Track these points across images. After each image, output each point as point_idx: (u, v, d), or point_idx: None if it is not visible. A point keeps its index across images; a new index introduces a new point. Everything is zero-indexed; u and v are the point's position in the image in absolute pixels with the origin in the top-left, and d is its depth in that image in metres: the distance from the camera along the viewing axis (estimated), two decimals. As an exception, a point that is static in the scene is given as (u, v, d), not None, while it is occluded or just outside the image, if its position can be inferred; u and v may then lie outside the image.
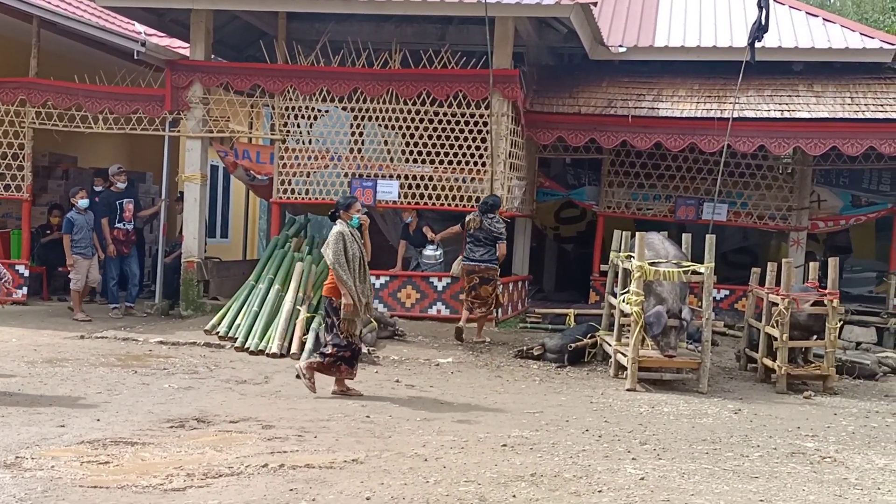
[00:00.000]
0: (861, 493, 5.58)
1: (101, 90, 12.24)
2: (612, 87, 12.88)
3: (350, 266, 7.85)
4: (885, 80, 12.65)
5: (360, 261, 7.94)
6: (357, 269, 7.91)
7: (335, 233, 7.92)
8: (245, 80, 12.21)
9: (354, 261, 7.90)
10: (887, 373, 10.38)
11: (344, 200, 8.25)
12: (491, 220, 10.65)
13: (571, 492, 5.27)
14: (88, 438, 6.09)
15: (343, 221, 8.04)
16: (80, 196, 11.67)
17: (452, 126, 11.74)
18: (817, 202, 13.54)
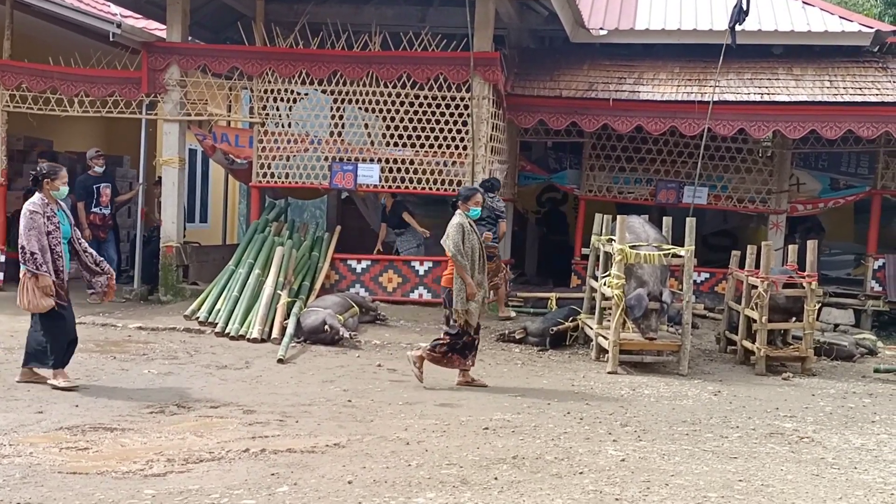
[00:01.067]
0: (838, 473, 5.64)
1: (77, 73, 12.06)
2: (594, 71, 12.86)
3: (469, 257, 7.81)
4: (864, 64, 12.72)
5: (478, 252, 7.92)
6: (476, 259, 7.89)
7: (455, 224, 7.85)
8: (223, 63, 12.08)
9: (473, 252, 7.87)
10: (864, 354, 10.48)
11: (465, 192, 8.14)
12: (492, 199, 10.99)
13: (553, 473, 5.29)
14: (67, 424, 6.04)
15: (462, 213, 7.96)
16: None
17: (433, 109, 11.68)
18: (796, 185, 13.62)
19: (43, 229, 7.13)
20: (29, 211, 7.15)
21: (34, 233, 7.09)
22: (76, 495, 4.60)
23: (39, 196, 7.24)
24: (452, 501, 4.71)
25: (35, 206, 7.18)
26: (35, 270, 7.06)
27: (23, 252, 7.12)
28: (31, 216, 7.13)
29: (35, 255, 7.06)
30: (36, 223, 7.11)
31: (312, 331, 9.71)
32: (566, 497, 4.85)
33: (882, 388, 8.91)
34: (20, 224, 7.20)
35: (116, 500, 4.56)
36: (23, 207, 7.27)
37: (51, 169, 7.35)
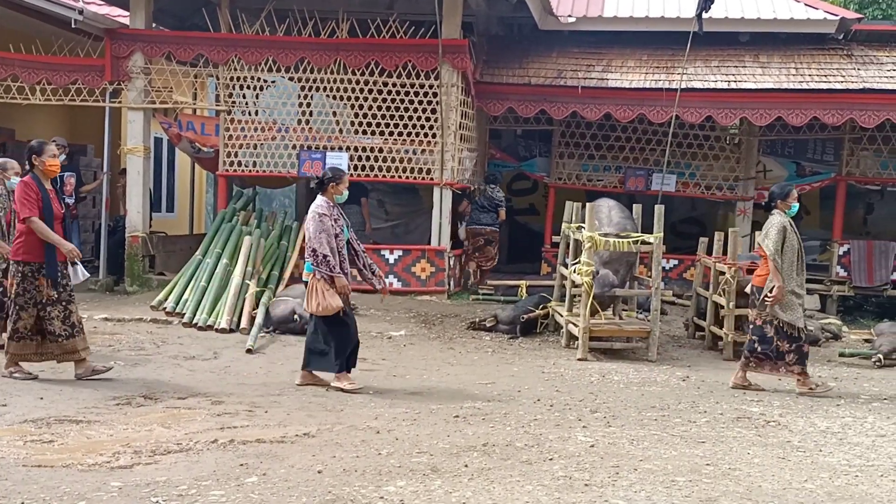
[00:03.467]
0: (803, 455, 5.71)
1: (38, 60, 11.84)
2: (562, 58, 12.88)
3: (786, 257, 7.65)
4: (829, 51, 12.85)
5: (798, 252, 7.77)
6: (795, 260, 7.73)
7: (777, 224, 7.70)
8: (188, 50, 11.93)
9: (793, 252, 7.71)
10: (830, 339, 10.62)
11: (779, 189, 7.99)
12: (493, 190, 12.59)
13: (523, 460, 5.30)
14: (31, 417, 5.94)
15: (781, 212, 7.83)
16: None
17: (402, 97, 11.62)
18: (763, 172, 13.75)
19: (331, 232, 7.10)
20: (317, 214, 7.10)
21: (324, 236, 7.05)
22: (41, 488, 4.52)
23: (324, 199, 7.21)
24: (423, 489, 4.70)
25: (322, 209, 7.14)
26: (330, 273, 7.03)
27: (314, 255, 7.06)
28: (319, 219, 7.08)
29: (328, 259, 7.04)
30: (325, 226, 7.08)
31: (281, 320, 9.65)
32: (536, 483, 4.86)
33: (847, 371, 9.04)
34: (308, 227, 7.13)
35: (82, 492, 4.49)
36: (310, 211, 7.20)
37: (336, 173, 7.33)
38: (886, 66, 12.38)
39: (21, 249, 7.00)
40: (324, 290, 7.06)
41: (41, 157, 7.09)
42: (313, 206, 7.25)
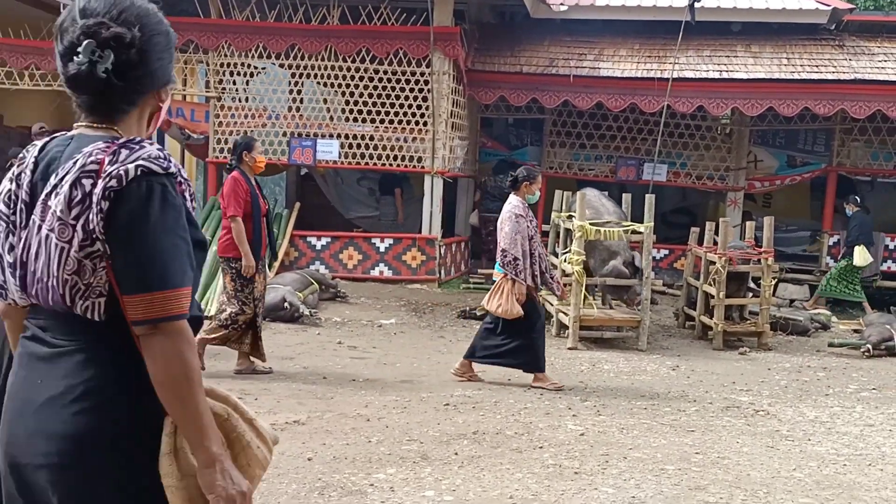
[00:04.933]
0: (792, 444, 5.73)
1: (27, 45, 11.75)
2: (554, 47, 12.84)
3: None
4: (821, 41, 12.85)
5: None
6: None
7: None
8: (178, 36, 11.82)
9: None
10: (819, 329, 10.66)
11: None
12: (501, 179, 12.89)
13: (513, 448, 5.30)
14: None
15: None
16: None
17: (393, 84, 11.58)
18: (754, 162, 13.77)
19: (525, 234, 6.99)
20: (514, 215, 6.97)
21: (518, 237, 6.94)
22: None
23: (518, 199, 7.09)
24: (413, 477, 4.70)
25: (519, 209, 7.02)
26: (514, 276, 6.92)
27: (504, 255, 6.96)
28: (516, 220, 6.96)
29: (518, 262, 6.92)
30: (520, 227, 6.97)
31: (272, 308, 9.60)
32: (526, 471, 4.87)
33: (836, 361, 9.08)
34: (504, 227, 6.99)
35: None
36: (505, 211, 7.07)
37: (530, 172, 7.24)
38: (878, 57, 12.39)
39: (232, 246, 6.92)
40: (509, 293, 6.92)
41: (251, 153, 7.07)
42: (509, 207, 7.04)
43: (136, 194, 1.73)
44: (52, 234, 1.75)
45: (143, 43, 1.84)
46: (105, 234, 1.73)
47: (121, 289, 1.74)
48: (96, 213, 1.72)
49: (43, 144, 1.89)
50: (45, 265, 1.76)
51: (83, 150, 1.77)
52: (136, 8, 1.86)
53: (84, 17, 1.81)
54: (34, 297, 1.81)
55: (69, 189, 1.74)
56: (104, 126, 1.86)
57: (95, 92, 1.83)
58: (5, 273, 1.86)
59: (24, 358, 1.85)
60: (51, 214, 1.75)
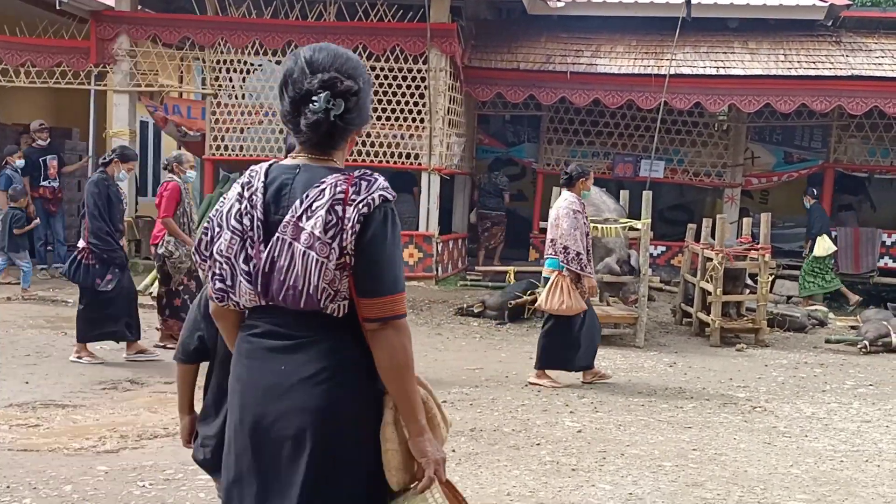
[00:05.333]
0: (789, 441, 5.74)
1: (22, 42, 11.73)
2: (551, 43, 12.82)
3: None
4: (818, 38, 12.84)
5: None
6: None
7: None
8: (174, 33, 11.83)
9: None
10: (816, 325, 10.67)
11: None
12: (496, 176, 13.39)
13: (510, 445, 5.30)
14: (17, 401, 5.91)
15: None
16: (16, 157, 11.30)
17: (390, 81, 11.56)
18: (751, 159, 13.77)
19: (583, 229, 7.00)
20: (572, 210, 6.98)
21: (578, 233, 6.95)
22: (27, 472, 4.50)
23: (573, 194, 7.10)
24: (410, 474, 4.69)
25: (575, 205, 7.04)
26: (580, 271, 6.91)
27: (566, 252, 6.94)
28: (574, 215, 6.97)
29: (581, 256, 6.93)
30: (578, 223, 6.97)
31: (269, 305, 9.60)
32: (523, 468, 4.87)
33: (833, 358, 9.09)
34: (562, 223, 6.96)
35: (68, 476, 4.47)
36: (562, 207, 7.06)
37: (584, 169, 7.26)
38: (875, 53, 12.39)
39: None
40: (570, 289, 6.91)
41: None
42: (565, 203, 7.06)
43: (378, 218, 2.16)
44: (310, 251, 2.14)
45: (361, 93, 2.23)
46: (353, 250, 2.14)
47: (358, 292, 2.16)
48: (350, 233, 2.13)
49: (266, 171, 2.26)
50: (302, 276, 2.14)
51: (324, 181, 2.17)
52: (353, 61, 2.24)
53: (313, 70, 2.18)
54: (280, 300, 2.18)
55: (325, 214, 2.13)
56: (323, 158, 2.25)
57: (324, 133, 2.21)
58: (236, 280, 2.22)
59: (258, 351, 2.24)
60: (307, 234, 2.14)
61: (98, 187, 7.24)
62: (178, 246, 7.62)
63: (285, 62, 2.25)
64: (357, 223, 2.13)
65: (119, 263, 7.28)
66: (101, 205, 7.18)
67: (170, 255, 7.62)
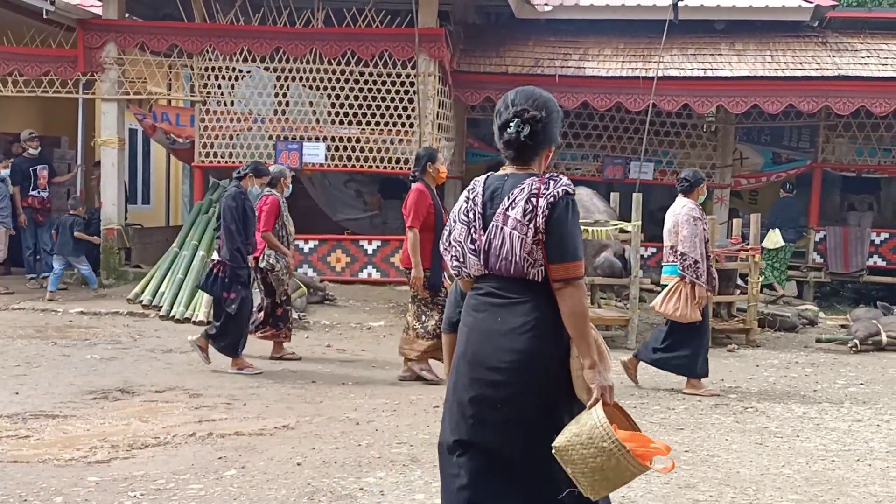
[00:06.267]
0: (781, 441, 5.75)
1: (8, 51, 11.68)
2: (539, 47, 12.85)
3: None
4: (804, 39, 12.90)
5: None
6: None
7: None
8: (162, 40, 11.79)
9: None
10: (806, 325, 10.71)
11: None
12: None
13: (503, 450, 5.30)
14: (7, 412, 5.88)
15: None
16: (2, 166, 11.26)
17: (378, 86, 11.55)
18: (740, 160, 13.82)
19: (702, 236, 6.97)
20: (692, 217, 6.98)
21: (697, 241, 6.93)
22: (17, 484, 4.47)
23: (692, 202, 7.08)
24: (403, 480, 4.69)
25: (696, 212, 7.02)
26: (695, 279, 6.89)
27: (683, 259, 6.93)
28: (694, 223, 6.96)
29: (698, 265, 6.92)
30: (698, 230, 6.96)
31: (260, 312, 9.58)
32: (516, 472, 4.86)
33: (823, 357, 9.12)
34: (683, 230, 6.96)
35: (59, 488, 4.45)
36: (681, 214, 7.02)
37: (700, 175, 7.27)
38: (861, 53, 12.46)
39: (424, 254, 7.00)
40: (688, 297, 6.91)
41: (435, 164, 7.15)
42: (684, 210, 7.04)
43: (561, 205, 2.93)
44: (515, 232, 2.94)
45: (546, 119, 3.05)
46: (545, 229, 2.91)
47: (548, 260, 2.93)
48: (542, 217, 2.92)
49: (485, 180, 3.09)
50: (510, 250, 2.95)
51: (524, 182, 2.98)
52: (542, 98, 3.09)
53: (513, 105, 3.05)
54: (496, 270, 3.00)
55: (524, 205, 2.94)
56: (524, 168, 3.07)
57: (519, 149, 3.04)
58: (466, 257, 3.06)
59: (482, 306, 3.04)
60: (512, 220, 2.95)
61: (235, 201, 7.32)
62: (278, 259, 7.77)
63: (499, 104, 3.11)
64: (546, 209, 2.91)
65: (243, 281, 7.40)
66: (237, 218, 7.26)
67: (272, 269, 7.77)
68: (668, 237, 7.16)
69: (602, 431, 2.81)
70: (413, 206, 6.92)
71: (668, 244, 7.16)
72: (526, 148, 3.04)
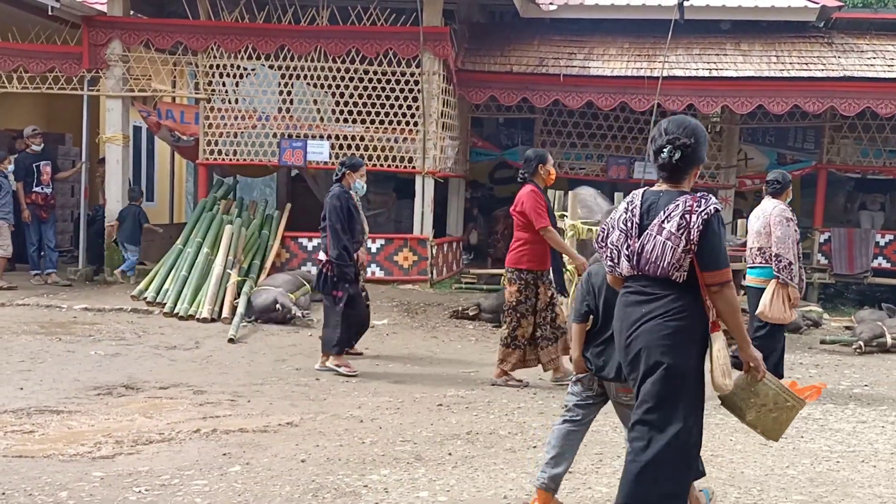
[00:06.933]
0: (785, 442, 5.72)
1: (14, 47, 11.70)
2: (544, 46, 12.84)
3: None
4: (810, 39, 12.89)
5: None
6: None
7: None
8: (167, 38, 11.80)
9: None
10: (811, 326, 10.68)
11: None
12: None
13: (507, 448, 5.30)
14: (12, 408, 5.88)
15: None
16: (7, 162, 11.28)
17: (383, 85, 11.56)
18: (744, 160, 13.80)
19: (794, 238, 6.91)
20: (785, 218, 6.93)
21: (790, 241, 6.87)
22: (22, 479, 4.48)
23: (781, 202, 7.06)
24: (407, 478, 4.69)
25: (787, 212, 6.98)
26: (789, 280, 6.85)
27: (777, 260, 6.87)
28: (787, 223, 6.91)
29: (791, 266, 6.84)
30: (790, 231, 6.90)
31: (264, 310, 9.59)
32: (520, 471, 4.86)
33: (828, 359, 9.10)
34: (776, 231, 6.89)
35: (64, 483, 4.45)
36: (773, 215, 6.96)
37: (789, 178, 7.22)
38: (867, 54, 12.43)
39: (525, 257, 7.00)
40: (784, 299, 6.86)
41: (546, 166, 7.18)
42: (776, 210, 6.98)
43: (713, 222, 3.50)
44: (668, 242, 3.53)
45: (694, 145, 3.63)
46: (697, 242, 3.49)
47: (701, 268, 3.52)
48: (696, 231, 3.49)
49: (642, 194, 3.69)
50: (660, 256, 3.54)
51: (678, 200, 3.57)
52: (692, 126, 3.65)
53: (666, 134, 3.63)
54: (644, 271, 3.61)
55: (678, 220, 3.52)
56: (676, 186, 3.66)
57: (671, 170, 3.64)
58: (620, 259, 3.68)
59: (631, 301, 3.67)
60: (666, 231, 3.53)
61: (340, 200, 7.38)
62: None
63: (653, 131, 3.71)
64: (700, 226, 3.48)
65: (350, 279, 7.44)
66: (342, 218, 7.31)
67: None
68: (755, 238, 7.09)
69: (784, 396, 3.78)
70: (535, 207, 6.95)
71: (754, 246, 7.09)
72: (677, 169, 3.64)
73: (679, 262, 3.50)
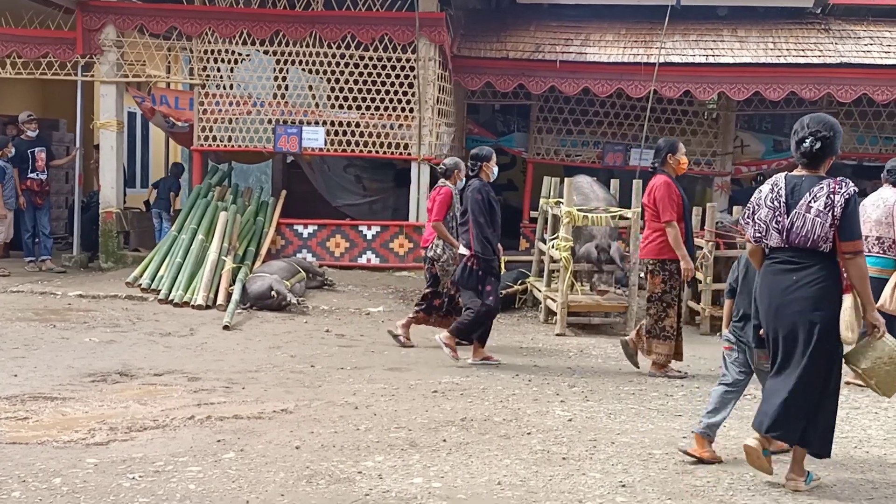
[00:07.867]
0: (780, 428, 5.74)
1: (7, 32, 11.65)
2: (540, 32, 12.79)
3: None
4: (807, 25, 12.85)
5: None
6: None
7: None
8: (161, 23, 11.74)
9: None
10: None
11: None
12: None
13: (501, 434, 5.31)
14: (6, 394, 5.88)
15: None
16: (8, 149, 11.24)
17: (378, 71, 11.52)
18: (741, 147, 13.78)
19: None
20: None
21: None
22: (16, 465, 4.48)
23: None
24: (401, 464, 4.70)
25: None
26: None
27: None
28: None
29: None
30: None
31: (259, 297, 9.59)
32: (514, 457, 4.87)
33: None
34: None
35: (58, 469, 4.45)
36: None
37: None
38: (863, 41, 12.40)
39: (667, 248, 7.01)
40: None
41: (676, 155, 7.15)
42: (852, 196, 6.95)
43: (852, 202, 4.33)
44: (817, 219, 4.28)
45: (832, 138, 4.38)
46: (840, 217, 4.26)
47: (842, 239, 4.29)
48: (838, 209, 4.27)
49: (785, 178, 4.45)
50: (810, 230, 4.29)
51: (822, 183, 4.34)
52: (829, 121, 4.41)
53: (808, 127, 4.39)
54: (794, 243, 4.35)
55: (825, 199, 4.28)
56: (814, 171, 4.41)
57: (811, 158, 4.39)
58: (769, 232, 4.41)
59: (777, 271, 4.42)
60: (815, 210, 4.29)
61: (481, 193, 7.33)
62: (445, 249, 7.86)
63: (795, 125, 4.47)
64: (843, 205, 4.26)
65: (496, 273, 7.43)
66: (485, 210, 7.27)
67: (438, 258, 7.89)
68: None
69: None
70: (666, 200, 6.96)
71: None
72: (816, 157, 4.38)
73: (826, 235, 4.26)
